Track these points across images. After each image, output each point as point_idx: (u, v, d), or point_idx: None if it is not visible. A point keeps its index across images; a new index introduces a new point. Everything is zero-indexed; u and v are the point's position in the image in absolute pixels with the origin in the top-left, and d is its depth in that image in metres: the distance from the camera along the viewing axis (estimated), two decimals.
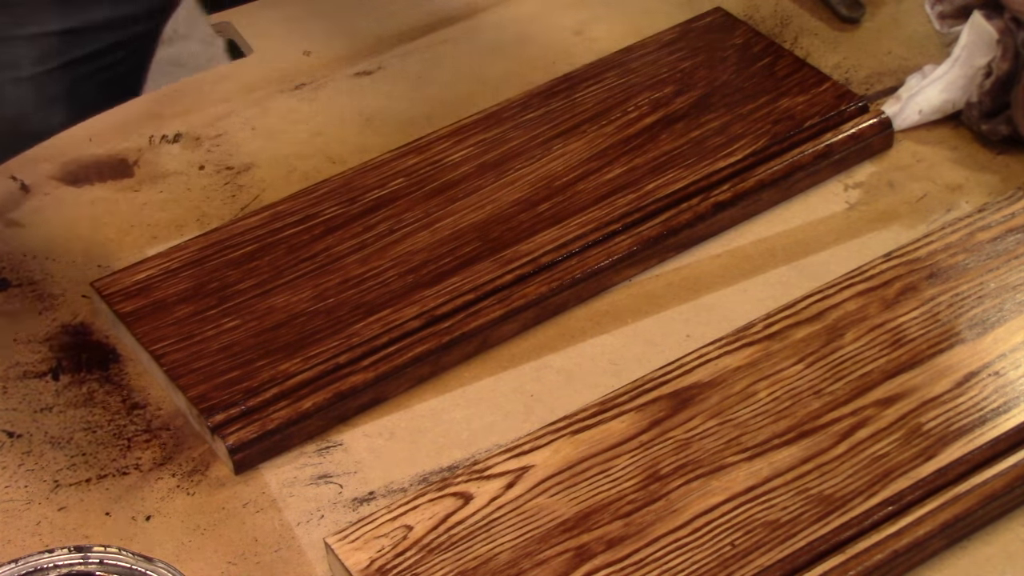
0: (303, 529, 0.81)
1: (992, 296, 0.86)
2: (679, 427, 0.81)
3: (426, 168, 0.97)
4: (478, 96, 1.05)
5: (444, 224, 0.93)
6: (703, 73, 1.02)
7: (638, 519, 0.77)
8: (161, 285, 0.91)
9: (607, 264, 0.91)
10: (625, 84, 1.02)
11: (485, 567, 0.75)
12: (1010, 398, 0.81)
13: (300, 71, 1.09)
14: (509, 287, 0.90)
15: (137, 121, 1.06)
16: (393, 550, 0.76)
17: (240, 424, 0.83)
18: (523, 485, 0.78)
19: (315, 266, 0.91)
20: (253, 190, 1.00)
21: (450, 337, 0.87)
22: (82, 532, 0.81)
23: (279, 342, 0.87)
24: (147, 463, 0.85)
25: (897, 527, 0.76)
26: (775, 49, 1.04)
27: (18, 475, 0.84)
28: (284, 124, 1.05)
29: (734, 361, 0.84)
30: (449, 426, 0.86)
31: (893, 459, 0.78)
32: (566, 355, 0.89)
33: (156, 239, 0.97)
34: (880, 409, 0.81)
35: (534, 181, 0.96)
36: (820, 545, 0.75)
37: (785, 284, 0.91)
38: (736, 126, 0.98)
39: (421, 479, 0.83)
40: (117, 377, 0.89)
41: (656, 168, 0.96)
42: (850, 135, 0.98)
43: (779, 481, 0.77)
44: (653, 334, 0.89)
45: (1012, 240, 0.89)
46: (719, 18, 1.07)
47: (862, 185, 0.98)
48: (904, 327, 0.85)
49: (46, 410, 0.87)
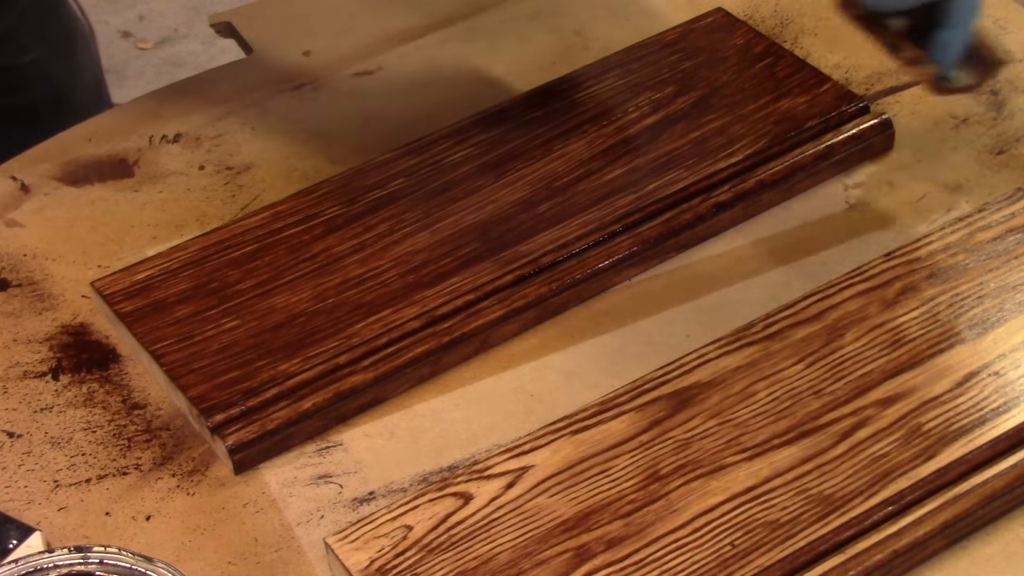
0: (303, 529, 0.81)
1: (992, 296, 0.86)
2: (679, 427, 0.81)
3: (426, 168, 0.97)
4: (478, 96, 1.05)
5: (444, 224, 0.93)
6: (704, 73, 1.02)
7: (638, 519, 0.77)
8: (161, 285, 0.91)
9: (607, 264, 0.91)
10: (626, 84, 1.02)
11: (485, 567, 0.75)
12: (1010, 398, 0.81)
13: (300, 71, 1.09)
14: (509, 287, 0.90)
15: (137, 121, 1.06)
16: (393, 550, 0.76)
17: (240, 424, 0.83)
18: (523, 485, 0.78)
19: (315, 266, 0.91)
20: (253, 190, 1.00)
21: (450, 337, 0.87)
22: (82, 532, 0.81)
23: (279, 342, 0.87)
24: (147, 463, 0.85)
25: (897, 527, 0.76)
26: (776, 49, 1.04)
27: (18, 475, 0.84)
28: (284, 124, 1.05)
29: (734, 361, 0.84)
30: (449, 426, 0.86)
31: (893, 459, 0.78)
32: (566, 355, 0.89)
33: (156, 239, 0.97)
34: (880, 409, 0.81)
35: (534, 181, 0.96)
36: (820, 545, 0.75)
37: (785, 284, 0.91)
38: (737, 127, 0.98)
39: (421, 479, 0.83)
40: (117, 377, 0.89)
41: (656, 169, 0.96)
42: (850, 135, 0.98)
43: (779, 481, 0.77)
44: (653, 334, 0.89)
45: (1012, 240, 0.89)
46: (720, 19, 1.07)
47: (862, 185, 0.98)
48: (904, 327, 0.85)
49: (46, 410, 0.87)
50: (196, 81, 1.10)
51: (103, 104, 1.32)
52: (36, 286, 0.95)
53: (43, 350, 0.91)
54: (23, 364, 0.90)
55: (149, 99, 1.09)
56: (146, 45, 2.57)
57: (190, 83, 1.10)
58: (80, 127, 1.06)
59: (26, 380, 0.89)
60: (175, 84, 1.10)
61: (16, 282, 0.95)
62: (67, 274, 0.95)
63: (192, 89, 1.09)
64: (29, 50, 1.18)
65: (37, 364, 0.90)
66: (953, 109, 1.02)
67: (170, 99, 1.08)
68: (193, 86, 1.09)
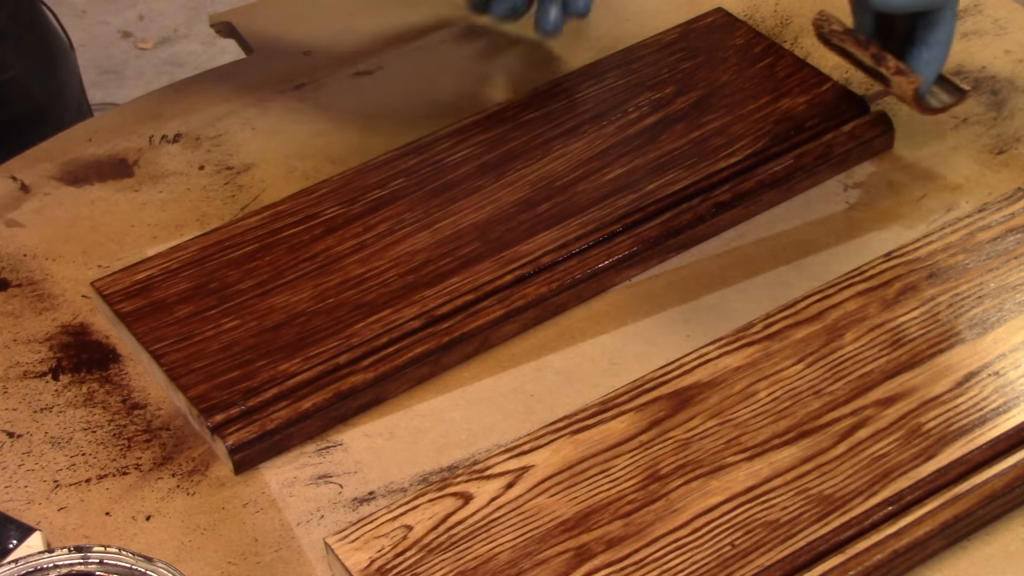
0: (303, 529, 0.81)
1: (992, 296, 0.86)
2: (679, 427, 0.81)
3: (426, 168, 0.97)
4: (478, 96, 1.05)
5: (444, 224, 0.93)
6: (703, 73, 1.02)
7: (638, 519, 0.77)
8: (161, 285, 0.91)
9: (607, 264, 0.91)
10: (626, 84, 1.02)
11: (485, 567, 0.75)
12: (1010, 398, 0.81)
13: (300, 71, 1.09)
14: (509, 287, 0.90)
15: (137, 121, 1.06)
16: (393, 550, 0.76)
17: (240, 424, 0.83)
18: (523, 485, 0.78)
19: (315, 266, 0.91)
20: (253, 190, 1.00)
21: (450, 337, 0.87)
22: (82, 532, 0.81)
23: (279, 342, 0.87)
24: (147, 463, 0.85)
25: (897, 527, 0.76)
26: (776, 49, 1.04)
27: (18, 475, 0.84)
28: (284, 124, 1.05)
29: (734, 361, 0.84)
30: (449, 426, 0.86)
31: (893, 459, 0.78)
32: (566, 355, 0.89)
33: (156, 239, 0.97)
34: (880, 409, 0.81)
35: (534, 181, 0.96)
36: (820, 545, 0.75)
37: (785, 284, 0.91)
38: (736, 126, 0.98)
39: (421, 479, 0.83)
40: (117, 377, 0.89)
41: (656, 169, 0.96)
42: (850, 135, 0.98)
43: (779, 481, 0.77)
44: (653, 334, 0.89)
45: (1012, 240, 0.89)
46: (720, 18, 1.07)
47: (862, 185, 0.98)
48: (904, 327, 0.85)
49: (46, 410, 0.87)
50: (196, 81, 1.10)
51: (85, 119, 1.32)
52: (36, 286, 0.95)
53: (43, 350, 0.91)
54: (23, 364, 0.90)
55: (149, 99, 1.09)
56: (146, 45, 2.57)
57: (190, 83, 1.10)
58: (80, 127, 1.06)
59: (26, 380, 0.89)
60: (175, 84, 1.10)
61: (16, 282, 0.95)
62: (67, 274, 0.95)
63: (192, 89, 1.09)
64: (8, 67, 1.19)
65: (37, 364, 0.90)
66: (953, 109, 1.02)
67: (170, 99, 1.08)
68: (193, 86, 1.09)
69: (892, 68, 0.93)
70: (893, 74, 0.93)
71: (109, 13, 2.62)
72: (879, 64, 0.94)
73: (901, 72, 0.93)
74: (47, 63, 1.23)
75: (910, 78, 0.93)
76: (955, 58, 1.05)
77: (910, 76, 0.93)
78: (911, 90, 0.93)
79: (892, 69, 0.93)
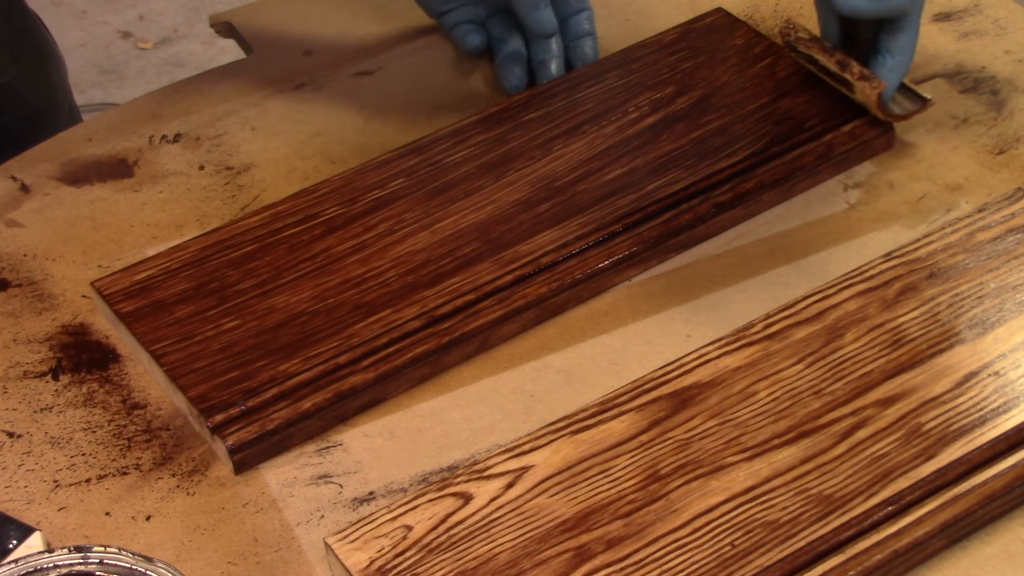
0: (303, 529, 0.81)
1: (992, 296, 0.86)
2: (679, 427, 0.81)
3: (426, 168, 0.97)
4: (478, 96, 1.05)
5: (444, 224, 0.93)
6: (704, 73, 1.02)
7: (638, 519, 0.77)
8: (161, 285, 0.91)
9: (607, 264, 0.91)
10: (626, 84, 1.02)
11: (485, 567, 0.75)
12: (1010, 398, 0.81)
13: (300, 71, 1.09)
14: (509, 287, 0.90)
15: (137, 121, 1.06)
16: (393, 550, 0.76)
17: (240, 424, 0.83)
18: (523, 485, 0.78)
19: (315, 266, 0.91)
20: (253, 190, 1.00)
21: (450, 337, 0.87)
22: (82, 532, 0.81)
23: (279, 342, 0.87)
24: (147, 463, 0.85)
25: (897, 527, 0.76)
26: (776, 50, 1.04)
27: (18, 475, 0.84)
28: (284, 124, 1.05)
29: (734, 361, 0.84)
30: (449, 426, 0.86)
31: (893, 459, 0.78)
32: (566, 355, 0.89)
33: (156, 239, 0.97)
34: (880, 409, 0.81)
35: (534, 181, 0.96)
36: (820, 545, 0.75)
37: (785, 284, 0.91)
38: (737, 127, 0.98)
39: (421, 479, 0.83)
40: (117, 377, 0.89)
41: (656, 169, 0.96)
42: (850, 135, 0.98)
43: (779, 481, 0.78)
44: (653, 334, 0.89)
45: (1012, 240, 0.89)
46: (720, 18, 1.07)
47: (862, 185, 0.98)
48: (904, 327, 0.85)
49: (46, 410, 0.87)
50: (196, 81, 1.10)
51: (76, 123, 1.32)
52: (36, 286, 0.95)
53: (43, 350, 0.91)
54: (23, 364, 0.90)
55: (149, 99, 1.09)
56: (146, 45, 2.57)
57: (190, 83, 1.10)
58: (80, 127, 1.06)
59: (26, 380, 0.89)
60: (175, 84, 1.10)
61: (16, 282, 0.95)
62: (67, 274, 0.95)
63: (192, 89, 1.09)
64: (3, 72, 1.19)
65: (37, 364, 0.90)
66: (953, 109, 1.02)
67: (170, 99, 1.08)
68: (193, 86, 1.09)
69: (856, 74, 0.95)
70: (857, 79, 0.95)
71: (109, 13, 2.63)
72: (844, 70, 0.95)
73: (865, 78, 0.95)
74: (40, 68, 1.23)
75: (874, 83, 0.94)
76: (955, 58, 1.05)
77: (874, 82, 0.95)
78: (875, 95, 0.95)
79: (856, 75, 0.95)
